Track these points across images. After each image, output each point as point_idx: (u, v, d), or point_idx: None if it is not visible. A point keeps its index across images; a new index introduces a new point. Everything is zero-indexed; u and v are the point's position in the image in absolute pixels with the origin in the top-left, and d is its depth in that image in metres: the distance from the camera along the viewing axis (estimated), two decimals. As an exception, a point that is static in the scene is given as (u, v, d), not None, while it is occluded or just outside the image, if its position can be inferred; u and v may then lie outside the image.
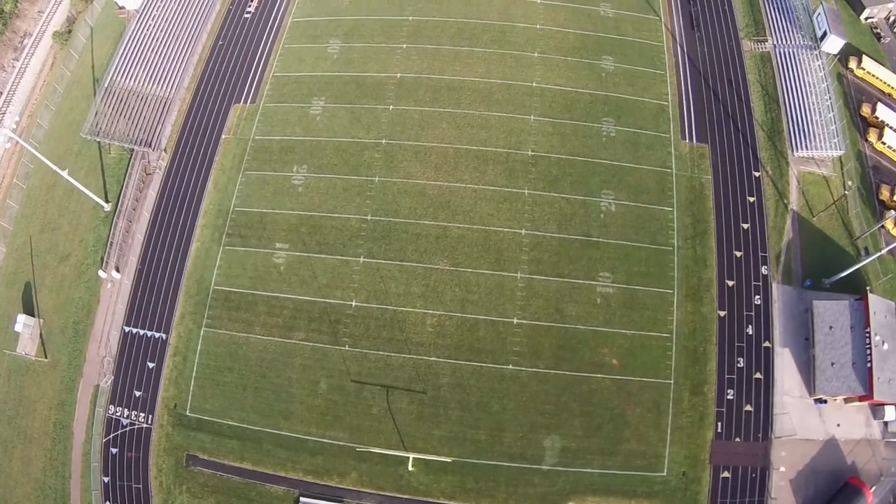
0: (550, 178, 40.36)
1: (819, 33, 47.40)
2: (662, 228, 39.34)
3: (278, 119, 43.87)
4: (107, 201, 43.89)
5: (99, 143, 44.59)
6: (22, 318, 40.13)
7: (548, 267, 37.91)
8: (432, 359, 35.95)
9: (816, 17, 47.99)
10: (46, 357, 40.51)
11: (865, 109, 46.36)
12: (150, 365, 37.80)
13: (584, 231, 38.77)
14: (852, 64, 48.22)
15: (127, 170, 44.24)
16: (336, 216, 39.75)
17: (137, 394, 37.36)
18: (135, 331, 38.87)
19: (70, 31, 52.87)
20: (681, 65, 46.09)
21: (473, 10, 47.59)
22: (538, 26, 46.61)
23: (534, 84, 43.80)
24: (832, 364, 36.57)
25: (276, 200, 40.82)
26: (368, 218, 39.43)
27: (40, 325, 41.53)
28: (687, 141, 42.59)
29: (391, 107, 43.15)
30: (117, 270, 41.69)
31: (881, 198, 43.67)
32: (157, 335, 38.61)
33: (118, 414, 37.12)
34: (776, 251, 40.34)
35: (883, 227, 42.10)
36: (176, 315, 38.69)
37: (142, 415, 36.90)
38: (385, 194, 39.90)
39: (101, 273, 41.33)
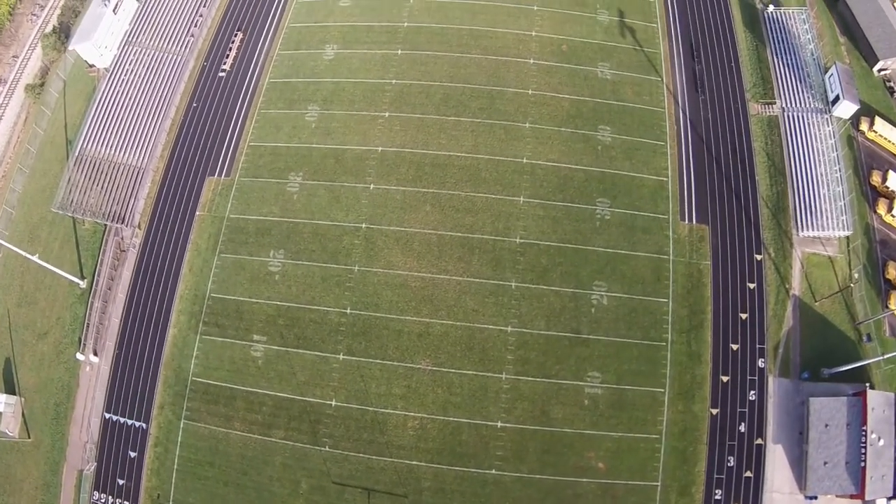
0: (539, 268, 39.96)
1: (831, 96, 46.06)
2: (656, 322, 39.10)
3: (254, 196, 43.27)
4: (82, 277, 44.17)
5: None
6: (3, 398, 40.91)
7: (534, 367, 37.93)
8: (414, 462, 36.30)
9: (829, 78, 46.64)
10: (30, 437, 41.61)
11: (876, 178, 45.40)
12: (132, 454, 38.51)
13: (573, 328, 38.58)
14: (864, 126, 47.02)
15: (101, 246, 44.18)
16: (314, 308, 39.65)
17: (121, 482, 38.10)
18: (115, 418, 39.58)
19: (42, 85, 52.04)
20: (682, 133, 44.98)
21: (461, 72, 46.07)
22: (530, 91, 45.26)
23: (524, 160, 42.83)
24: (825, 463, 36.91)
25: (253, 288, 40.60)
26: (348, 312, 39.30)
27: (22, 405, 42.40)
28: (686, 222, 41.95)
29: (372, 186, 42.39)
30: (95, 354, 42.34)
31: (888, 276, 43.11)
32: (137, 424, 39.29)
33: (103, 501, 37.99)
34: (774, 342, 40.20)
35: (887, 306, 41.07)
36: (155, 405, 39.15)
37: (126, 503, 37.52)
38: (365, 286, 39.63)
39: (79, 356, 41.92)
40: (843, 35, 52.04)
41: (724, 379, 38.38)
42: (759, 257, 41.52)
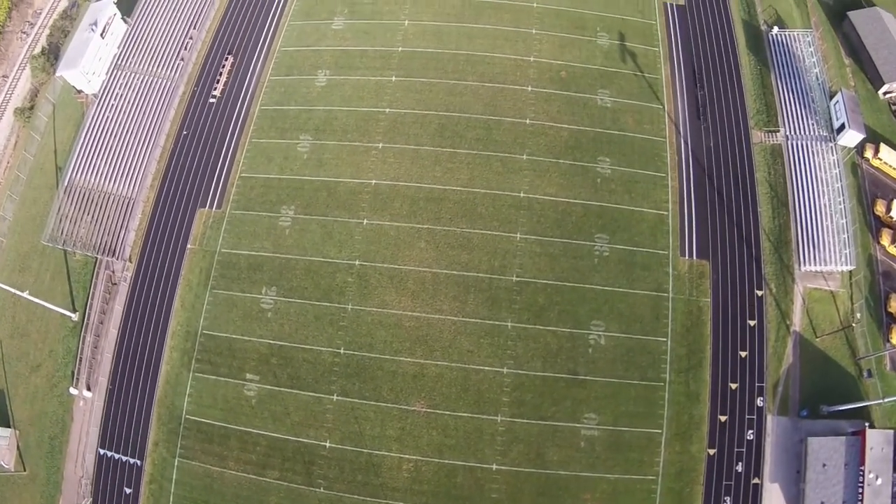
0: (536, 307, 39.33)
1: (836, 124, 44.88)
2: (654, 362, 38.61)
3: (245, 230, 42.45)
4: (74, 310, 43.52)
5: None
6: (-2, 430, 42.70)
7: (530, 409, 37.56)
8: (408, 505, 37.51)
9: (834, 105, 45.44)
10: (25, 470, 41.54)
11: (880, 207, 44.49)
12: (128, 491, 38.49)
13: (570, 369, 38.11)
14: (868, 153, 46.01)
15: (92, 278, 43.61)
16: (308, 348, 39.09)
17: (118, 519, 39.56)
18: (109, 454, 39.35)
19: (32, 108, 50.96)
20: (683, 163, 43.98)
21: (457, 100, 44.91)
22: (528, 121, 44.15)
23: (521, 194, 41.90)
24: (822, 503, 36.51)
25: (245, 326, 40.06)
26: (342, 352, 38.76)
27: (16, 437, 42.21)
28: (686, 257, 41.15)
29: (365, 221, 41.55)
30: (88, 389, 42.14)
31: (889, 309, 42.50)
32: (131, 461, 39.11)
33: (100, 536, 39.38)
34: (774, 379, 39.77)
35: (888, 341, 40.39)
36: (149, 442, 38.87)
37: (124, 540, 39.27)
38: (359, 325, 39.10)
39: (72, 390, 41.65)
40: (848, 57, 50.81)
41: (723, 419, 37.85)
42: (759, 293, 40.83)
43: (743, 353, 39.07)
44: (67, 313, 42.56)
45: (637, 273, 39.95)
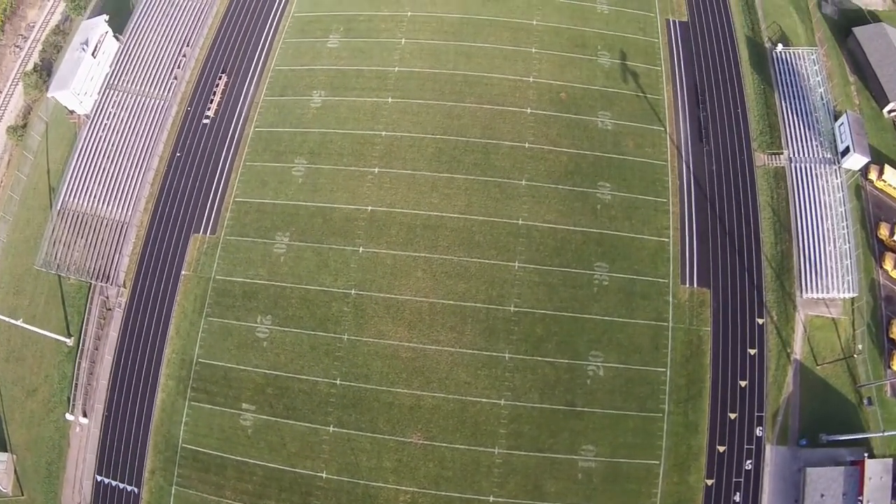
0: (534, 338, 38.58)
1: (841, 147, 43.59)
2: (653, 393, 37.94)
3: (240, 257, 41.57)
4: (69, 335, 42.96)
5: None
6: (-5, 454, 42.65)
7: (527, 441, 37.00)
8: (405, 537, 37.37)
9: (839, 127, 44.05)
10: (23, 494, 41.36)
11: (883, 231, 43.45)
12: None
13: (567, 400, 37.43)
14: (872, 174, 44.92)
15: (86, 304, 42.83)
16: (303, 378, 38.45)
17: (116, 546, 39.48)
18: (107, 481, 38.99)
19: (25, 126, 50.00)
20: (685, 188, 42.93)
21: (454, 123, 43.72)
22: (527, 145, 43.01)
23: (520, 221, 40.87)
24: None
25: (241, 355, 39.31)
26: (338, 382, 38.10)
27: (14, 462, 41.87)
28: (687, 285, 40.25)
29: (361, 249, 40.60)
30: (84, 415, 41.65)
31: (891, 335, 41.74)
32: (129, 488, 38.64)
33: (99, 564, 39.27)
34: (774, 409, 39.20)
35: (889, 367, 39.59)
36: (146, 469, 38.40)
37: (122, 568, 39.18)
38: (355, 356, 38.38)
39: (68, 416, 41.08)
40: (853, 74, 49.70)
41: (721, 449, 37.15)
42: (760, 321, 40.04)
43: (743, 383, 38.30)
44: (62, 339, 41.87)
45: (637, 302, 39.12)
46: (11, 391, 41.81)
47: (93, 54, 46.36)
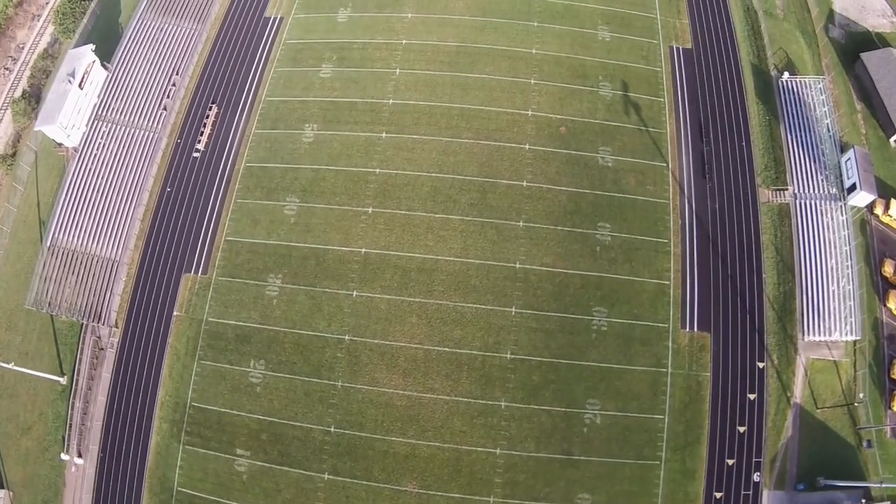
0: (531, 386, 37.34)
1: (847, 183, 41.55)
2: (651, 440, 36.84)
3: (232, 298, 40.16)
4: (62, 374, 41.89)
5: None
6: (-8, 492, 42.19)
7: (523, 490, 35.90)
8: (400, 587, 36.99)
9: (846, 162, 41.97)
10: None
11: (888, 268, 41.40)
12: None
13: (564, 449, 36.25)
14: (878, 208, 42.83)
15: (79, 343, 41.56)
16: (298, 425, 37.31)
17: (114, 588, 39.05)
18: None
19: (14, 155, 47.97)
20: (687, 227, 41.03)
21: (450, 160, 41.68)
22: (525, 183, 41.09)
23: (517, 265, 39.26)
24: None
25: (234, 400, 38.14)
26: (332, 430, 37.03)
27: (10, 499, 41.48)
28: (687, 330, 38.73)
29: (355, 293, 39.15)
30: (80, 455, 41.03)
31: (893, 376, 40.10)
32: None
33: None
34: (772, 454, 38.15)
35: (890, 407, 38.08)
36: None
37: None
38: (349, 403, 37.23)
39: (63, 456, 40.15)
40: (859, 101, 47.10)
41: (718, 495, 35.98)
42: (761, 365, 38.54)
43: (741, 429, 36.98)
44: (55, 378, 40.70)
45: (636, 348, 37.65)
46: (6, 428, 40.97)
47: (80, 85, 44.09)
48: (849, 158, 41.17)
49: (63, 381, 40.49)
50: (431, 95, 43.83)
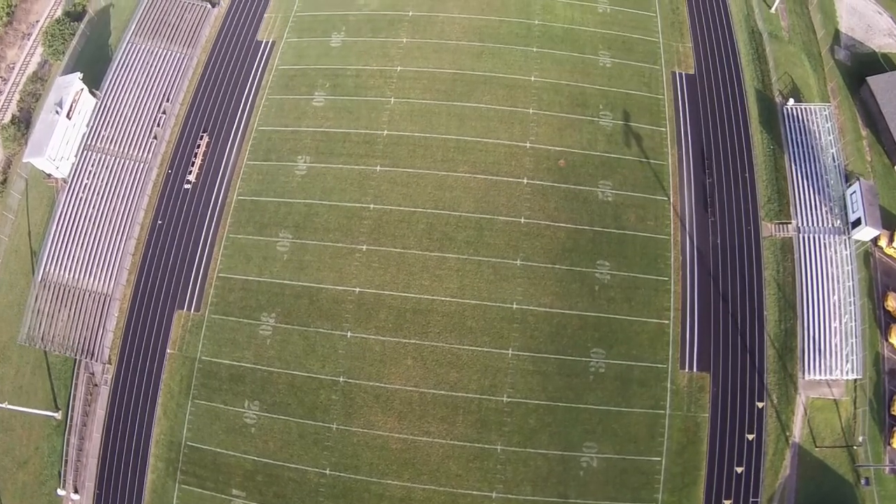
0: (527, 429, 36.18)
1: (852, 217, 39.58)
2: (648, 482, 35.81)
3: (225, 337, 38.84)
4: (56, 409, 40.82)
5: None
6: (-12, 525, 41.37)
7: None
8: None
9: (851, 195, 39.84)
10: None
11: (891, 302, 39.70)
12: None
13: (560, 492, 35.30)
14: (882, 240, 40.98)
15: (72, 378, 40.37)
16: (293, 467, 36.11)
17: None
18: None
19: (4, 182, 46.32)
20: (688, 264, 39.46)
21: (446, 195, 39.87)
22: (523, 220, 39.39)
23: (514, 306, 37.77)
24: None
25: (229, 440, 37.06)
26: (327, 472, 35.97)
27: None
28: (686, 370, 37.49)
29: (349, 334, 37.83)
30: (76, 491, 40.09)
31: (893, 412, 38.76)
32: None
33: None
34: (769, 493, 37.33)
35: (889, 444, 36.53)
36: None
37: None
38: (344, 446, 36.11)
39: (59, 492, 39.34)
40: (865, 127, 44.77)
41: None
42: (760, 405, 37.23)
43: (739, 469, 35.68)
44: (50, 414, 39.40)
45: (634, 390, 36.34)
46: (2, 462, 39.92)
47: (68, 116, 41.98)
48: (854, 192, 39.12)
49: (58, 415, 39.41)
50: (427, 126, 41.74)
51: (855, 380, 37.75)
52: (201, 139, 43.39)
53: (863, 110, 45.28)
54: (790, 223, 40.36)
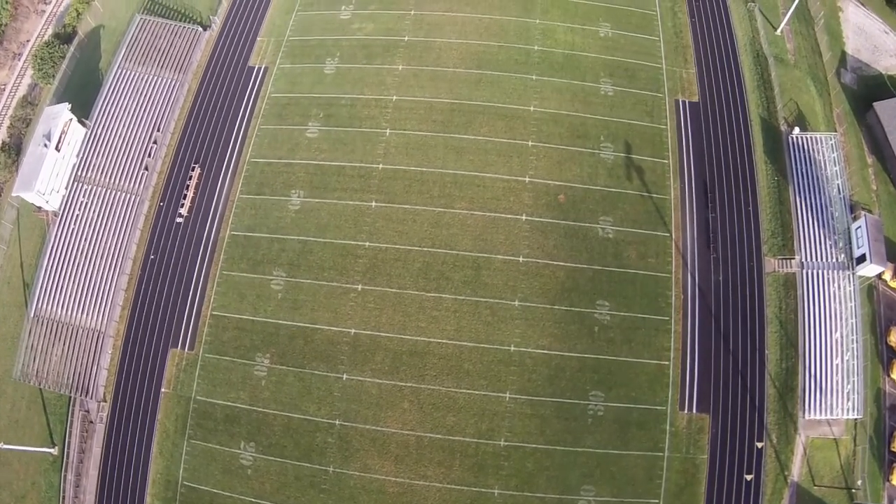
0: (524, 473, 35.19)
1: (857, 253, 37.94)
2: None
3: (220, 377, 37.69)
4: (52, 445, 39.65)
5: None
6: (-12, 561, 40.84)
7: None
8: None
9: (856, 230, 38.11)
10: None
11: (894, 337, 38.07)
12: None
13: None
14: (887, 274, 39.17)
15: (68, 414, 39.33)
16: None
17: None
18: None
19: None
20: (689, 303, 37.99)
21: (443, 233, 38.20)
22: (521, 259, 37.89)
23: (512, 348, 36.51)
24: None
25: (226, 482, 36.09)
26: None
27: None
28: (685, 412, 36.37)
29: (345, 376, 36.65)
30: None
31: (893, 448, 37.58)
32: None
33: None
34: None
35: (888, 480, 35.33)
36: None
37: None
38: (341, 489, 35.15)
39: None
40: (871, 154, 42.99)
41: None
42: (759, 445, 36.27)
43: (737, 510, 38.61)
44: (46, 450, 38.13)
45: (632, 432, 35.22)
46: (1, 496, 39.04)
47: (56, 148, 40.00)
48: (859, 227, 37.10)
49: (54, 451, 38.17)
50: (424, 160, 39.93)
51: (856, 419, 36.50)
52: (193, 171, 41.62)
53: (869, 136, 43.53)
54: (793, 258, 38.79)
